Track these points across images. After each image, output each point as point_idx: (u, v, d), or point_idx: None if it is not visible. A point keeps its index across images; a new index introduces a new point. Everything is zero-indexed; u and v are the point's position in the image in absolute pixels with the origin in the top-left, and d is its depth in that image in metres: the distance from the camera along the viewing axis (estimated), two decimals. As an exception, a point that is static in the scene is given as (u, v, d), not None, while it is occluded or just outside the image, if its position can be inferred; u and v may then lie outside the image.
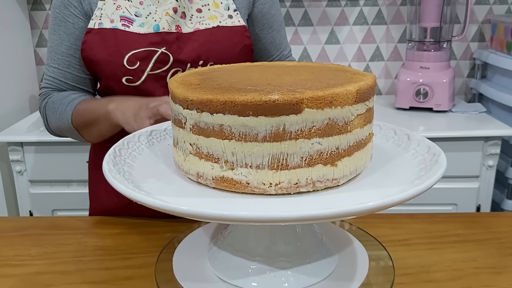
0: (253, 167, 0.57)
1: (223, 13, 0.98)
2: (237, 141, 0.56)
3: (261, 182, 0.57)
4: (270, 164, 0.56)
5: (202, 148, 0.59)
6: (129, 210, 0.97)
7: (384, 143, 0.75)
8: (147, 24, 0.94)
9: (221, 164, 0.58)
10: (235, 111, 0.54)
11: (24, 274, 0.77)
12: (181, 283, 0.68)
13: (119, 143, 0.73)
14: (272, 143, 0.55)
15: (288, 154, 0.56)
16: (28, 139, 1.70)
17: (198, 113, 0.57)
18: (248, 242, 0.69)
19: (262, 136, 0.55)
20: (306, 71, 0.68)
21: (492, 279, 0.73)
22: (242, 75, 0.67)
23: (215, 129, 0.56)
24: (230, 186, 0.58)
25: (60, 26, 0.96)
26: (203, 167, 0.59)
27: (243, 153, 0.56)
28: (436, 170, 0.59)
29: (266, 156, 0.56)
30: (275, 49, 1.09)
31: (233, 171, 0.57)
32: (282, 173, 0.57)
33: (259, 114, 0.54)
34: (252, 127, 0.54)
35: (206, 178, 0.60)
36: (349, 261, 0.72)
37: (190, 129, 0.59)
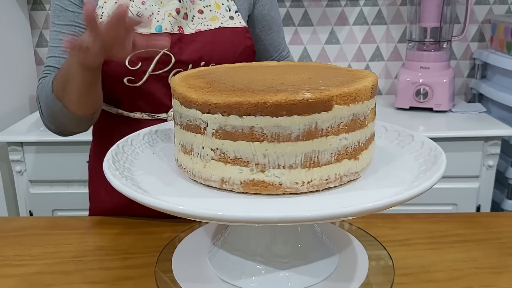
0: (286, 167, 0.57)
1: (225, 14, 0.98)
2: (269, 142, 0.55)
3: (294, 182, 0.57)
4: (302, 162, 0.57)
5: (229, 152, 0.57)
6: (129, 210, 0.97)
7: (389, 144, 0.75)
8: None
9: (251, 167, 0.57)
10: (267, 112, 0.54)
11: (24, 274, 0.77)
12: (181, 284, 0.68)
13: (122, 140, 0.73)
14: (305, 142, 0.56)
15: (319, 152, 0.57)
16: (28, 139, 1.70)
17: (224, 117, 0.55)
18: (248, 242, 0.69)
19: (296, 135, 0.55)
20: (306, 71, 0.68)
21: (492, 279, 0.73)
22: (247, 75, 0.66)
23: (245, 132, 0.55)
24: (261, 188, 0.57)
25: (59, 16, 0.95)
26: (230, 172, 0.58)
27: (276, 154, 0.56)
28: (434, 172, 0.59)
29: (299, 155, 0.56)
30: (274, 50, 1.09)
31: (264, 173, 0.57)
32: (314, 171, 0.57)
33: (292, 113, 0.54)
34: (286, 127, 0.55)
35: (232, 183, 0.58)
36: (349, 261, 0.72)
37: (213, 133, 0.57)
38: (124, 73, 0.93)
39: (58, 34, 0.95)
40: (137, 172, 0.66)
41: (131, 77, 0.93)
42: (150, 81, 0.94)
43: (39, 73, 2.14)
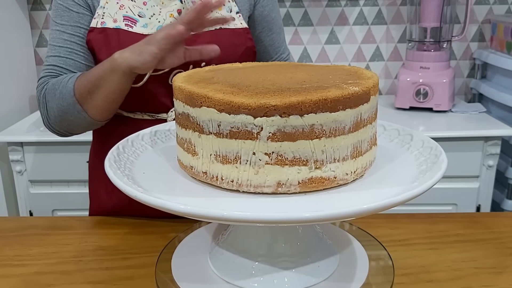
0: (340, 160, 0.59)
1: (226, 15, 0.98)
2: (327, 137, 0.57)
3: (345, 173, 0.60)
4: (352, 153, 0.60)
5: (287, 153, 0.56)
6: (129, 210, 0.97)
7: (388, 143, 0.75)
8: (151, 25, 0.94)
9: (310, 165, 0.57)
10: (327, 108, 0.55)
11: (24, 274, 0.77)
12: (181, 284, 0.68)
13: (123, 141, 0.73)
14: (353, 133, 0.59)
15: (361, 141, 0.61)
16: (28, 139, 1.70)
17: (283, 118, 0.55)
18: (249, 242, 0.69)
19: (348, 128, 0.58)
20: (306, 71, 0.68)
21: (492, 279, 0.73)
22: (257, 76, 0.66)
23: (305, 131, 0.55)
24: (318, 185, 0.58)
25: (63, 16, 0.94)
26: (287, 174, 0.57)
27: (332, 148, 0.58)
28: (435, 172, 0.59)
29: (349, 147, 0.59)
30: (274, 52, 1.09)
31: (321, 170, 0.58)
32: (358, 160, 0.61)
33: (346, 107, 0.57)
34: (341, 121, 0.57)
35: (290, 184, 0.58)
36: (349, 261, 0.72)
37: (269, 137, 0.56)
38: None
39: (62, 34, 0.94)
40: (138, 172, 0.66)
41: None
42: (150, 81, 0.94)
43: (39, 73, 2.13)
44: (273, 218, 0.49)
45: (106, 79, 0.85)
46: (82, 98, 0.88)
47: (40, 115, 0.98)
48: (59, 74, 0.94)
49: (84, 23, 0.94)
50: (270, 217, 0.49)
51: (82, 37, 0.94)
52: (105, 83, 0.85)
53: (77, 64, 0.95)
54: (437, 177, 0.57)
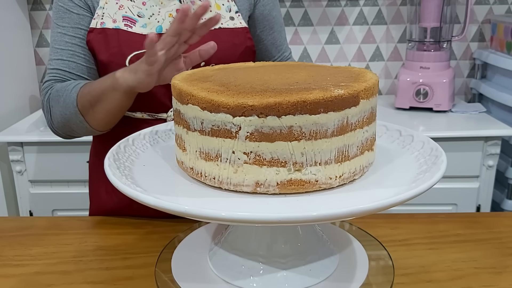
0: (322, 164, 0.58)
1: (225, 14, 0.98)
2: (307, 140, 0.56)
3: (328, 177, 0.59)
4: (336, 157, 0.58)
5: (265, 154, 0.56)
6: (129, 210, 0.97)
7: (390, 144, 0.75)
8: (150, 25, 0.94)
9: (289, 166, 0.57)
10: (306, 110, 0.54)
11: (24, 274, 0.77)
12: (181, 284, 0.68)
13: (123, 140, 0.73)
14: (338, 137, 0.57)
15: (349, 145, 0.59)
16: (28, 139, 1.70)
17: (261, 118, 0.55)
18: (249, 242, 0.69)
19: (331, 131, 0.57)
20: (306, 70, 0.68)
21: (492, 279, 0.73)
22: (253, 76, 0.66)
23: (283, 132, 0.55)
24: (297, 187, 0.58)
25: (64, 18, 0.95)
26: (265, 174, 0.57)
27: (313, 151, 0.57)
28: (434, 173, 0.59)
29: (333, 151, 0.58)
30: (276, 51, 1.09)
31: (301, 172, 0.57)
32: (345, 165, 0.59)
33: (329, 110, 0.55)
34: (323, 124, 0.56)
35: (268, 185, 0.58)
36: (349, 262, 0.72)
37: (247, 137, 0.56)
38: None
39: (63, 36, 0.95)
40: (138, 172, 0.66)
41: None
42: (149, 81, 0.94)
43: (39, 73, 2.14)
44: (272, 218, 0.49)
45: (107, 96, 0.86)
46: (84, 109, 0.90)
47: (43, 116, 0.98)
48: (62, 77, 0.95)
49: (84, 24, 0.95)
50: (269, 217, 0.49)
51: (83, 39, 0.95)
52: (106, 99, 0.87)
53: (79, 66, 0.95)
54: (436, 178, 0.57)
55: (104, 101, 0.87)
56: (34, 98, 2.09)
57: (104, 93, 0.87)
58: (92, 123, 0.92)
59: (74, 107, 0.90)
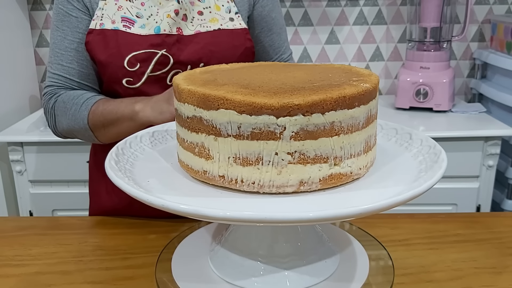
0: (355, 156, 0.60)
1: (225, 15, 0.98)
2: (345, 134, 0.58)
3: (359, 168, 0.61)
4: (364, 148, 0.61)
5: (309, 152, 0.56)
6: (129, 210, 0.97)
7: (386, 142, 0.75)
8: (148, 25, 0.94)
9: (330, 162, 0.58)
10: (345, 105, 0.57)
11: (24, 274, 0.77)
12: (181, 284, 0.68)
13: (122, 142, 0.73)
14: (366, 128, 0.61)
15: (371, 136, 0.63)
16: (28, 139, 1.70)
17: (306, 117, 0.55)
18: (249, 242, 0.69)
19: (362, 123, 0.60)
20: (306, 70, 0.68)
21: (492, 279, 0.73)
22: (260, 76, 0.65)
23: (326, 128, 0.56)
24: (336, 181, 0.59)
25: (63, 21, 0.95)
26: (309, 172, 0.57)
27: (349, 144, 0.59)
28: (436, 171, 0.59)
29: (362, 142, 0.61)
30: (274, 52, 1.09)
31: (340, 166, 0.59)
32: (369, 154, 0.63)
33: (361, 103, 0.59)
34: (357, 117, 0.59)
35: (312, 182, 0.58)
36: (349, 262, 0.72)
37: (291, 136, 0.55)
38: (123, 74, 0.93)
39: (63, 40, 0.96)
40: (138, 172, 0.66)
41: (130, 78, 0.93)
42: (148, 82, 0.94)
43: (39, 73, 2.14)
44: (273, 218, 0.49)
45: (122, 123, 0.90)
46: (95, 128, 0.93)
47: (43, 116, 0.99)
48: (64, 84, 0.97)
49: (82, 28, 0.95)
50: (269, 217, 0.49)
51: (81, 43, 0.96)
52: (121, 125, 0.90)
53: (78, 72, 0.97)
54: (438, 176, 0.57)
55: (118, 126, 0.91)
56: (34, 98, 2.09)
57: (120, 120, 0.90)
58: (101, 138, 0.96)
59: (84, 124, 0.93)
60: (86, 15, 0.95)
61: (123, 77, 0.93)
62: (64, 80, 0.97)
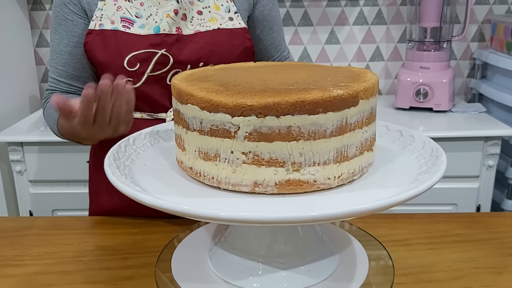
0: (320, 164, 0.58)
1: (224, 15, 0.98)
2: (306, 140, 0.56)
3: (327, 178, 0.58)
4: (335, 158, 0.58)
5: (263, 154, 0.56)
6: (129, 210, 0.97)
7: (390, 144, 0.75)
8: (148, 25, 0.94)
9: (287, 166, 0.57)
10: (305, 110, 0.54)
11: (24, 274, 0.77)
12: (181, 284, 0.68)
13: (125, 139, 0.73)
14: (337, 137, 0.57)
15: (348, 146, 0.59)
16: (28, 139, 1.70)
17: (259, 118, 0.54)
18: (249, 242, 0.69)
19: (330, 131, 0.57)
20: (306, 71, 0.68)
21: (492, 279, 0.73)
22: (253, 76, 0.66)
23: (282, 132, 0.55)
24: (296, 188, 0.58)
25: (60, 24, 0.96)
26: (264, 174, 0.57)
27: (312, 151, 0.57)
28: (434, 173, 0.59)
29: (332, 151, 0.58)
30: (275, 50, 1.09)
31: (300, 172, 0.57)
32: (344, 165, 0.59)
33: (327, 110, 0.55)
34: (322, 124, 0.56)
35: (266, 185, 0.58)
36: (349, 261, 0.72)
37: (245, 137, 0.56)
38: (123, 74, 0.93)
39: (59, 43, 0.97)
40: (138, 171, 0.66)
41: (129, 78, 0.93)
42: (148, 82, 0.94)
43: (39, 73, 2.14)
44: (272, 218, 0.49)
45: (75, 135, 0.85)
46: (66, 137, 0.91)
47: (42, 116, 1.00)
48: (57, 87, 0.99)
49: (78, 31, 0.96)
50: (269, 217, 0.49)
51: (76, 46, 0.97)
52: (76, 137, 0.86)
53: (71, 75, 0.99)
54: (437, 178, 0.57)
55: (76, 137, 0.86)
56: (34, 98, 2.09)
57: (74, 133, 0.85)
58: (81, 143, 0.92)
59: (60, 135, 0.93)
60: (82, 19, 0.96)
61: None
62: (58, 83, 0.99)
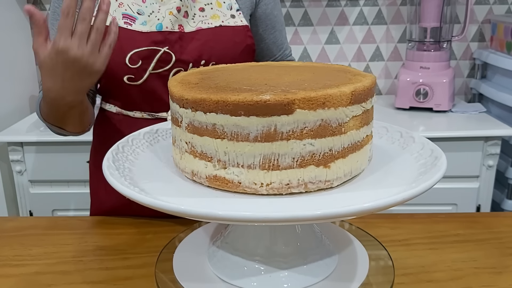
0: (244, 167, 0.57)
1: (226, 12, 0.98)
2: (229, 140, 0.56)
3: (252, 182, 0.57)
4: (261, 164, 0.56)
5: (196, 146, 0.59)
6: (129, 210, 0.97)
7: (390, 145, 0.75)
8: (150, 22, 0.94)
9: (214, 163, 0.58)
10: (227, 110, 0.55)
11: (24, 274, 0.77)
12: (181, 283, 0.68)
13: (124, 139, 0.73)
14: (263, 143, 0.55)
15: (279, 155, 0.56)
16: (28, 139, 1.70)
17: (192, 112, 0.58)
18: (248, 242, 0.69)
19: (254, 136, 0.55)
20: (307, 72, 0.68)
21: (492, 279, 0.73)
22: (242, 74, 0.67)
23: (209, 128, 0.57)
24: (222, 185, 0.59)
25: (57, 20, 0.95)
26: (197, 166, 0.60)
27: (235, 152, 0.56)
28: (434, 173, 0.59)
29: (257, 156, 0.56)
30: (277, 49, 1.09)
31: (225, 170, 0.58)
32: (273, 174, 0.57)
33: (250, 114, 0.54)
34: (244, 127, 0.55)
35: (200, 176, 0.61)
36: (349, 261, 0.72)
37: (186, 127, 0.60)
38: (124, 71, 0.93)
39: None
40: (136, 172, 0.66)
41: (131, 75, 0.93)
42: (150, 79, 0.94)
43: (39, 73, 2.14)
44: (272, 218, 0.49)
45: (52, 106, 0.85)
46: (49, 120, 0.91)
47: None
48: None
49: None
50: (268, 216, 0.49)
51: None
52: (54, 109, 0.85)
53: None
54: (437, 177, 0.57)
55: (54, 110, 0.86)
56: (34, 98, 2.09)
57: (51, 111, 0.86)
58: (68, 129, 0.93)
59: (45, 122, 0.93)
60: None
61: (124, 74, 0.93)
62: None
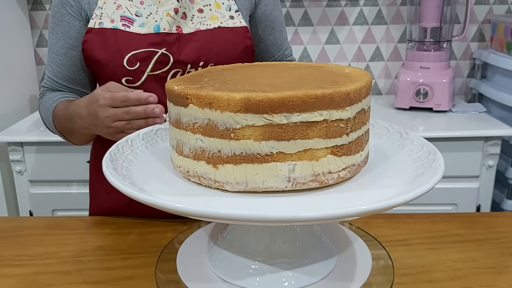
0: (171, 145, 0.66)
1: (225, 13, 0.98)
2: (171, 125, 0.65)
3: (175, 163, 0.65)
4: (175, 146, 0.64)
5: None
6: (129, 210, 0.97)
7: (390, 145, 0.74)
8: (148, 24, 0.94)
9: None
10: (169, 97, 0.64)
11: (24, 274, 0.77)
12: (181, 283, 0.68)
13: (123, 140, 0.73)
14: (176, 129, 0.63)
15: (182, 142, 0.62)
16: (28, 139, 1.70)
17: None
18: (248, 242, 0.69)
19: (172, 120, 0.64)
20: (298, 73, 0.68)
21: (492, 279, 0.73)
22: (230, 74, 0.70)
23: None
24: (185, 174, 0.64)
25: (58, 25, 0.97)
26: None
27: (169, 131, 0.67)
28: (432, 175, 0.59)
29: (173, 139, 0.65)
30: (276, 50, 1.09)
31: None
32: (180, 158, 0.63)
33: (170, 101, 0.63)
34: (170, 110, 0.64)
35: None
36: (349, 261, 0.72)
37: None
38: (123, 73, 0.93)
39: (55, 44, 0.98)
40: (135, 171, 0.66)
41: (129, 77, 0.93)
42: (148, 81, 0.94)
43: (39, 73, 2.14)
44: (271, 218, 0.49)
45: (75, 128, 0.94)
46: (61, 131, 0.99)
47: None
48: (52, 86, 1.01)
49: (73, 34, 0.97)
50: (268, 216, 0.49)
51: (71, 48, 0.98)
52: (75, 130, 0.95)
53: (66, 76, 1.00)
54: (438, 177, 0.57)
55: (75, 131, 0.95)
56: (34, 98, 2.09)
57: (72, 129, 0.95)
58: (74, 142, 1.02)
59: (54, 129, 1.00)
60: (78, 22, 0.96)
61: (122, 76, 0.93)
62: (53, 83, 1.01)
